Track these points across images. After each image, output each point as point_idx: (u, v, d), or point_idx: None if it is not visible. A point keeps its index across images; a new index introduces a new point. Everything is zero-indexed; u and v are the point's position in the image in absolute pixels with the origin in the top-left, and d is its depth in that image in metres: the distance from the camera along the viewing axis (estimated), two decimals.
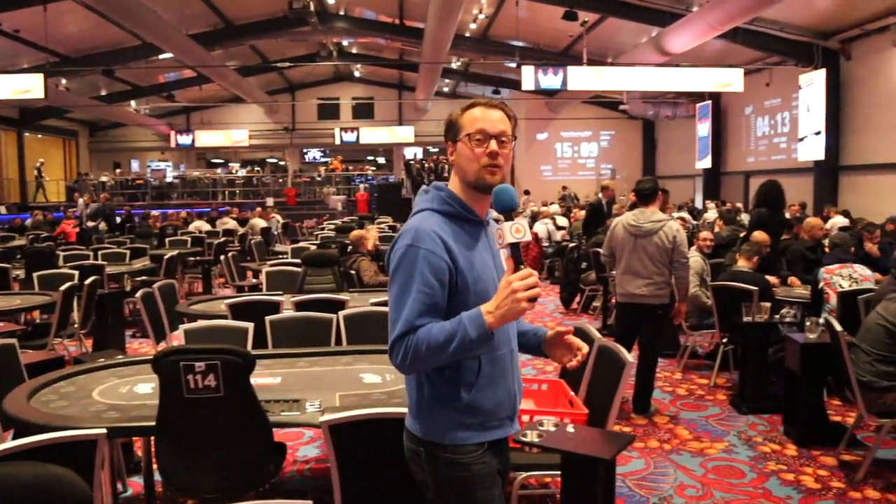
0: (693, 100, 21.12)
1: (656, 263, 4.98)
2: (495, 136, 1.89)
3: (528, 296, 1.68)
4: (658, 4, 15.21)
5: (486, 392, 1.90)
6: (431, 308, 1.79)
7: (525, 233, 1.76)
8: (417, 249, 1.80)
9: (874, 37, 14.61)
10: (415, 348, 1.75)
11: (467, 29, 18.98)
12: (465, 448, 1.89)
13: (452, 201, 1.91)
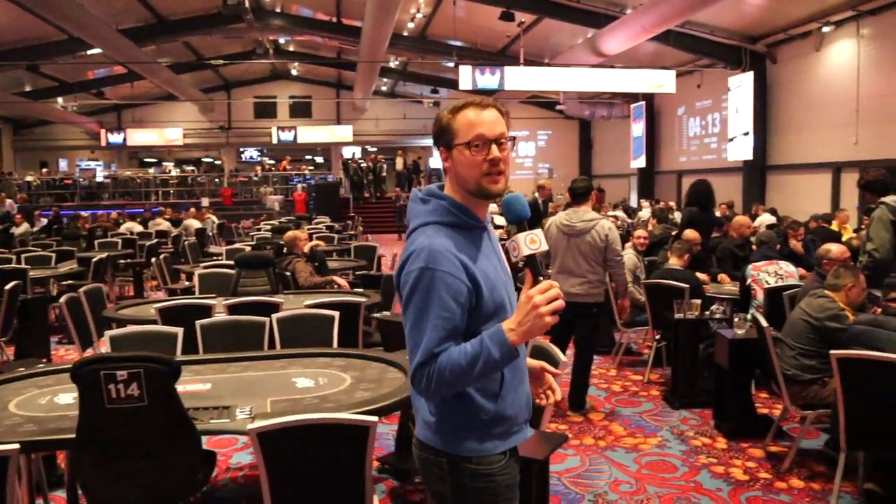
0: (628, 100, 21.53)
1: (590, 262, 5.04)
2: (494, 139, 1.76)
3: (551, 309, 1.61)
4: (593, 6, 15.45)
5: (508, 400, 1.82)
6: (451, 333, 1.69)
7: (541, 243, 1.67)
8: (434, 272, 1.68)
9: (798, 41, 15.15)
10: (438, 375, 1.66)
11: (405, 28, 18.94)
12: (490, 459, 1.81)
13: (457, 210, 1.79)
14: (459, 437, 1.79)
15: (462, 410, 1.78)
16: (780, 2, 13.27)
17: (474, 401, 1.77)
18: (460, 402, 1.77)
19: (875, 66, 13.21)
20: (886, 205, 5.06)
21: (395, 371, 3.46)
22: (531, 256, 1.66)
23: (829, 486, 3.80)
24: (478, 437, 1.80)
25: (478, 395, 1.78)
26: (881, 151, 12.94)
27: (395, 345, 4.88)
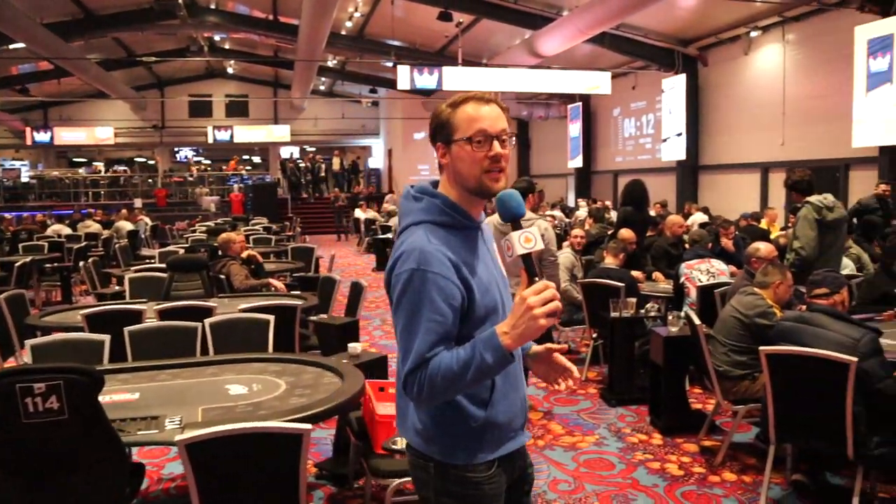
0: (565, 101, 21.80)
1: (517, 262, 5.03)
2: (496, 135, 1.70)
3: (545, 311, 1.53)
4: (530, 8, 15.58)
5: (500, 407, 1.76)
6: (443, 337, 1.63)
7: (536, 241, 1.60)
8: (425, 273, 1.62)
9: (728, 45, 15.58)
10: (429, 381, 1.60)
11: (343, 27, 18.76)
12: (478, 467, 1.76)
13: (451, 210, 1.74)
14: (447, 444, 1.75)
15: (451, 417, 1.73)
16: (710, 6, 13.62)
17: (463, 408, 1.72)
18: (449, 409, 1.72)
19: (799, 70, 13.69)
20: (811, 204, 5.24)
21: (332, 375, 3.41)
22: (526, 255, 1.59)
23: (760, 478, 3.90)
24: (466, 444, 1.75)
25: (467, 401, 1.72)
26: (806, 152, 13.42)
27: (332, 348, 4.82)
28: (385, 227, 15.27)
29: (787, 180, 5.61)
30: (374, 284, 11.94)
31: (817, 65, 13.25)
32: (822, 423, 3.46)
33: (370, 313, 9.25)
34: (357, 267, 14.82)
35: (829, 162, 12.85)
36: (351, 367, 3.50)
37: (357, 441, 3.46)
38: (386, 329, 8.36)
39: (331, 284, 6.29)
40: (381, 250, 14.33)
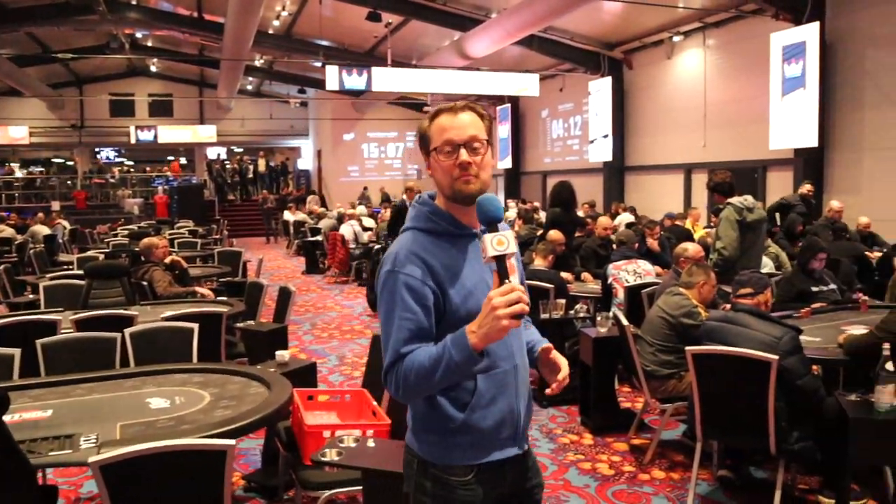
0: (494, 102, 21.95)
1: None
2: (464, 143, 1.75)
3: (509, 312, 1.55)
4: (459, 9, 15.62)
5: (482, 412, 1.76)
6: (417, 334, 1.69)
7: (508, 244, 1.60)
8: (397, 275, 1.71)
9: (651, 49, 15.97)
10: (404, 377, 1.67)
11: (270, 26, 18.42)
12: (453, 469, 1.78)
13: (437, 217, 1.80)
14: (428, 441, 1.80)
15: (432, 416, 1.77)
16: (634, 11, 13.91)
17: (443, 408, 1.76)
18: (431, 407, 1.77)
19: (719, 75, 14.14)
20: (733, 205, 5.38)
21: (258, 385, 3.31)
22: (499, 258, 1.60)
23: (688, 474, 3.98)
24: (444, 444, 1.78)
25: (447, 402, 1.76)
26: (726, 154, 13.88)
27: (260, 356, 4.69)
28: (315, 230, 15.06)
29: (710, 182, 5.75)
30: (303, 288, 11.78)
31: (736, 69, 13.70)
32: (746, 420, 3.54)
33: (300, 318, 9.10)
34: (286, 270, 14.58)
35: (748, 163, 13.31)
36: (278, 375, 3.40)
37: (286, 452, 3.37)
38: (316, 333, 8.23)
39: (258, 289, 6.14)
40: (311, 253, 14.13)
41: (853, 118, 11.43)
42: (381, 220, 13.63)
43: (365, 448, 2.61)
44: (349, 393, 3.63)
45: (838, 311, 5.13)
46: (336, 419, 3.49)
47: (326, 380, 6.23)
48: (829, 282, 5.68)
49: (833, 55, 11.57)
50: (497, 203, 1.70)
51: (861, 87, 11.29)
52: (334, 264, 12.50)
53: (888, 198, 10.86)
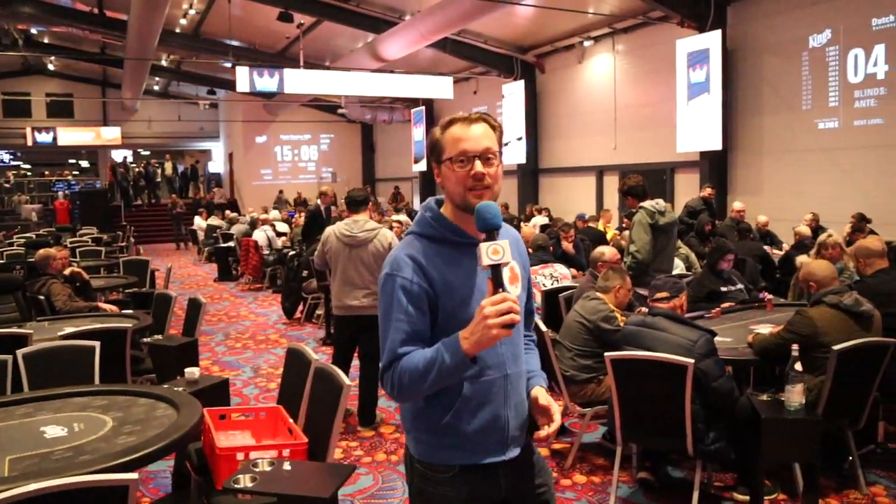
0: (408, 105, 21.90)
1: (373, 272, 4.93)
2: (479, 154, 1.78)
3: (500, 322, 1.58)
4: (373, 11, 15.50)
5: (466, 416, 1.81)
6: (412, 335, 1.75)
7: (504, 253, 1.60)
8: (395, 278, 1.78)
9: (563, 53, 16.25)
10: (399, 378, 1.73)
11: (177, 24, 17.81)
12: (437, 467, 1.85)
13: (439, 224, 1.84)
14: (416, 439, 1.88)
15: (420, 415, 1.85)
16: (546, 16, 14.12)
17: (430, 409, 1.82)
18: (420, 408, 1.84)
19: (628, 79, 14.51)
20: (645, 209, 5.48)
21: (166, 407, 3.12)
22: (495, 267, 1.61)
23: (609, 477, 4.00)
24: (430, 442, 1.85)
25: (434, 404, 1.82)
26: (636, 156, 14.26)
27: (169, 372, 4.47)
28: (227, 235, 14.61)
29: (622, 186, 5.84)
30: (215, 296, 11.41)
31: (644, 74, 14.09)
32: (664, 422, 3.59)
33: (212, 328, 8.78)
34: (197, 278, 14.10)
35: (657, 165, 13.71)
36: (187, 395, 3.22)
37: (197, 476, 3.20)
38: (229, 344, 7.96)
39: (167, 301, 5.86)
40: (223, 259, 13.71)
41: (754, 122, 11.93)
42: (295, 224, 13.34)
43: (281, 471, 2.49)
44: (264, 410, 3.48)
45: (746, 311, 5.31)
46: (250, 438, 3.34)
47: (241, 393, 6.01)
48: (736, 281, 5.88)
49: (735, 62, 12.05)
50: (495, 210, 1.70)
51: (760, 92, 11.79)
52: (248, 271, 12.17)
53: (785, 198, 11.39)
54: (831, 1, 10.62)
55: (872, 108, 10.23)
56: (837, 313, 3.79)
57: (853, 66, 10.42)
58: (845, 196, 10.40)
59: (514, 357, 1.88)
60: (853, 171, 10.54)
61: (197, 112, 27.39)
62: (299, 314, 9.18)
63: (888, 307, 4.18)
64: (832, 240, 6.28)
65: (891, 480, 4.01)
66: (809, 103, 11.08)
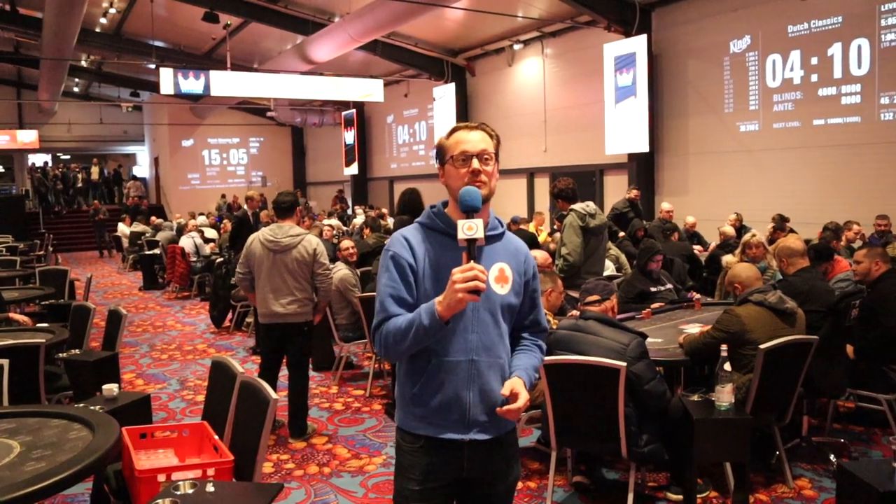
0: (339, 108, 21.69)
1: (298, 279, 4.83)
2: (477, 154, 2.04)
3: (465, 287, 1.81)
4: (301, 13, 15.28)
5: (430, 389, 2.03)
6: (398, 300, 2.01)
7: (477, 230, 1.84)
8: (388, 252, 2.07)
9: (493, 56, 16.35)
10: (385, 336, 1.99)
11: (97, 23, 17.20)
12: (406, 434, 2.09)
13: (436, 217, 2.10)
14: (399, 406, 2.14)
15: (402, 384, 2.11)
16: (476, 19, 14.18)
17: (407, 377, 2.08)
18: (401, 374, 2.11)
19: (557, 82, 14.69)
20: (576, 212, 5.52)
21: (81, 427, 2.93)
22: (470, 241, 1.85)
23: (545, 481, 3.98)
24: (405, 409, 2.10)
25: (408, 371, 2.07)
26: (566, 158, 14.44)
27: (87, 389, 4.26)
28: (152, 242, 14.14)
29: (553, 189, 5.87)
30: (140, 305, 11.03)
31: (573, 77, 14.29)
32: (597, 426, 3.59)
33: (137, 339, 8.46)
34: (122, 287, 13.61)
35: (587, 167, 13.91)
36: (104, 415, 3.04)
37: (116, 501, 3.03)
38: (155, 356, 7.67)
39: (85, 313, 5.57)
40: (149, 267, 13.26)
41: (679, 124, 12.23)
42: (223, 230, 13.00)
43: (203, 494, 2.36)
44: (188, 427, 3.33)
45: (675, 311, 5.39)
46: (174, 457, 3.19)
47: (167, 407, 5.79)
48: (665, 281, 5.97)
49: (660, 66, 12.33)
50: (476, 195, 1.94)
51: (685, 95, 12.10)
52: (174, 279, 11.79)
53: (709, 198, 11.72)
54: (750, 8, 10.97)
55: (790, 112, 10.61)
56: (763, 311, 3.88)
57: (771, 70, 10.80)
58: (766, 196, 10.76)
59: (485, 347, 2.06)
60: (773, 171, 10.91)
61: (120, 115, 26.45)
62: (228, 322, 8.93)
63: (810, 305, 4.31)
64: (756, 239, 6.46)
65: (815, 473, 4.12)
66: (731, 106, 11.42)
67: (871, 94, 9.60)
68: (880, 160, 9.57)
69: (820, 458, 4.30)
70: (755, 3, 10.91)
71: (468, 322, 2.02)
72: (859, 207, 9.34)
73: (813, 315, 4.23)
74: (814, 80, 10.25)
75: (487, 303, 2.03)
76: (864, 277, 4.79)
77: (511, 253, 2.13)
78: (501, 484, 2.16)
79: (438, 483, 2.07)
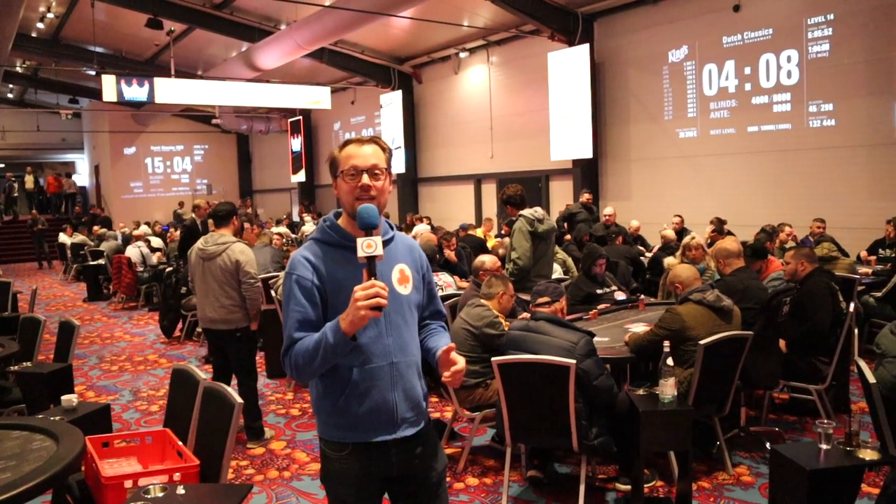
0: (285, 115, 21.58)
1: (223, 286, 4.93)
2: (367, 169, 2.07)
3: (367, 304, 1.84)
4: (247, 20, 15.21)
5: (355, 399, 2.06)
6: (305, 323, 2.02)
7: (376, 248, 1.89)
8: (291, 276, 2.07)
9: (439, 64, 16.53)
10: (294, 358, 2.00)
11: (34, 28, 16.81)
12: (332, 444, 2.11)
13: (332, 230, 2.13)
14: (320, 419, 2.15)
15: (321, 397, 2.11)
16: (422, 28, 14.33)
17: (326, 394, 2.09)
18: (319, 394, 2.12)
19: (503, 90, 14.95)
20: (525, 217, 5.69)
21: (43, 438, 2.95)
22: (369, 258, 1.89)
23: (500, 478, 4.12)
24: (328, 422, 2.11)
25: (331, 387, 2.08)
26: (512, 164, 14.70)
27: (40, 401, 4.24)
28: (96, 252, 13.86)
29: (502, 195, 6.03)
30: (86, 317, 10.84)
31: (518, 85, 14.56)
32: (550, 422, 3.75)
33: (84, 351, 8.33)
34: (65, 298, 13.31)
35: (533, 173, 14.18)
36: (66, 424, 3.07)
37: None
38: (104, 368, 7.58)
39: (34, 325, 5.52)
40: (93, 278, 13.01)
41: (621, 131, 12.59)
42: (170, 239, 12.85)
43: (174, 496, 2.44)
44: (150, 434, 3.38)
45: (621, 311, 5.62)
46: (137, 465, 3.23)
47: (120, 418, 5.75)
48: (610, 284, 6.20)
49: (602, 74, 12.67)
50: (373, 212, 1.98)
51: (626, 103, 12.46)
52: (121, 289, 11.61)
53: (651, 202, 12.09)
54: (687, 19, 11.39)
55: (726, 119, 11.05)
56: (702, 309, 4.11)
57: (708, 79, 11.22)
58: (705, 200, 11.16)
59: (400, 348, 2.12)
60: (711, 176, 11.32)
61: (58, 122, 25.79)
62: (179, 332, 8.86)
63: (745, 302, 4.56)
64: (695, 242, 6.75)
65: (753, 460, 4.36)
66: (671, 114, 11.81)
67: (800, 103, 10.07)
68: (811, 165, 10.04)
69: (757, 446, 4.55)
70: (692, 14, 11.32)
71: (382, 327, 2.07)
72: (792, 210, 9.79)
73: (748, 312, 4.49)
74: (747, 89, 10.69)
75: (396, 305, 2.10)
76: (792, 277, 5.09)
77: (406, 252, 2.21)
78: (433, 472, 2.21)
79: (371, 485, 2.13)
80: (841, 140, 9.70)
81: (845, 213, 9.46)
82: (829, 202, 9.70)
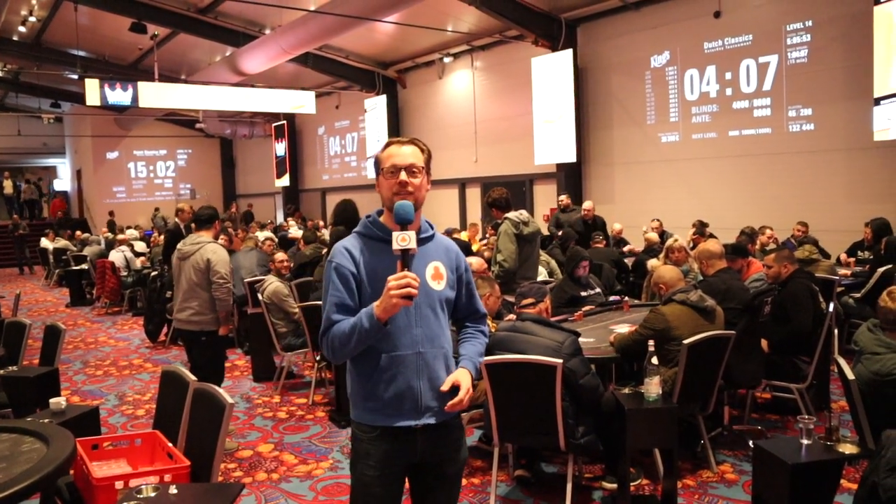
0: (269, 119, 21.54)
1: (193, 287, 4.96)
2: (405, 168, 2.22)
3: (399, 293, 2.01)
4: (231, 24, 15.19)
5: (383, 384, 2.21)
6: (342, 307, 2.19)
7: (410, 241, 2.03)
8: (331, 263, 2.24)
9: (423, 69, 16.58)
10: (331, 340, 2.18)
11: (15, 32, 16.69)
12: (362, 426, 2.26)
13: (372, 225, 2.29)
14: (353, 402, 2.30)
15: (354, 381, 2.28)
16: (406, 32, 14.37)
17: (357, 376, 2.26)
18: (352, 375, 2.28)
19: (487, 94, 15.02)
20: (510, 220, 5.74)
21: (33, 440, 2.96)
22: (403, 251, 2.04)
23: (488, 477, 4.16)
24: (357, 404, 2.28)
25: (359, 371, 2.25)
26: (496, 168, 14.77)
27: (27, 405, 4.23)
28: (79, 258, 13.76)
29: (488, 198, 6.08)
30: (69, 322, 10.77)
31: (502, 90, 14.64)
32: (537, 421, 3.79)
33: (69, 356, 8.29)
34: (48, 304, 13.20)
35: (517, 177, 14.25)
36: (56, 426, 3.08)
37: None
38: (89, 373, 7.54)
39: (19, 329, 5.50)
40: (76, 283, 12.92)
41: (604, 135, 12.69)
42: (154, 243, 12.79)
43: (167, 496, 2.46)
44: (140, 436, 3.39)
45: (605, 312, 5.68)
46: (126, 466, 3.24)
47: (107, 423, 5.73)
48: (594, 286, 6.26)
49: (585, 79, 12.77)
50: (409, 209, 2.14)
51: (609, 108, 12.57)
52: (104, 294, 11.55)
53: (634, 206, 12.19)
54: (669, 25, 11.51)
55: (707, 123, 11.17)
56: (686, 309, 4.17)
57: (689, 84, 11.35)
58: (687, 203, 11.28)
59: (429, 339, 2.25)
60: (693, 180, 11.44)
61: (40, 126, 25.55)
62: (164, 337, 8.83)
63: (727, 303, 4.63)
64: (678, 244, 6.84)
65: (736, 458, 4.43)
66: (653, 118, 11.93)
67: (780, 108, 10.21)
68: (790, 169, 10.18)
69: (740, 444, 4.63)
70: (673, 20, 11.45)
71: (412, 318, 2.21)
72: (773, 213, 9.91)
73: (730, 312, 4.56)
74: (728, 94, 10.82)
75: (427, 299, 2.24)
76: (775, 280, 5.17)
77: (442, 252, 2.35)
78: (451, 466, 2.34)
79: (394, 468, 2.26)
80: (820, 144, 9.85)
81: (824, 215, 9.60)
82: (808, 205, 9.84)
